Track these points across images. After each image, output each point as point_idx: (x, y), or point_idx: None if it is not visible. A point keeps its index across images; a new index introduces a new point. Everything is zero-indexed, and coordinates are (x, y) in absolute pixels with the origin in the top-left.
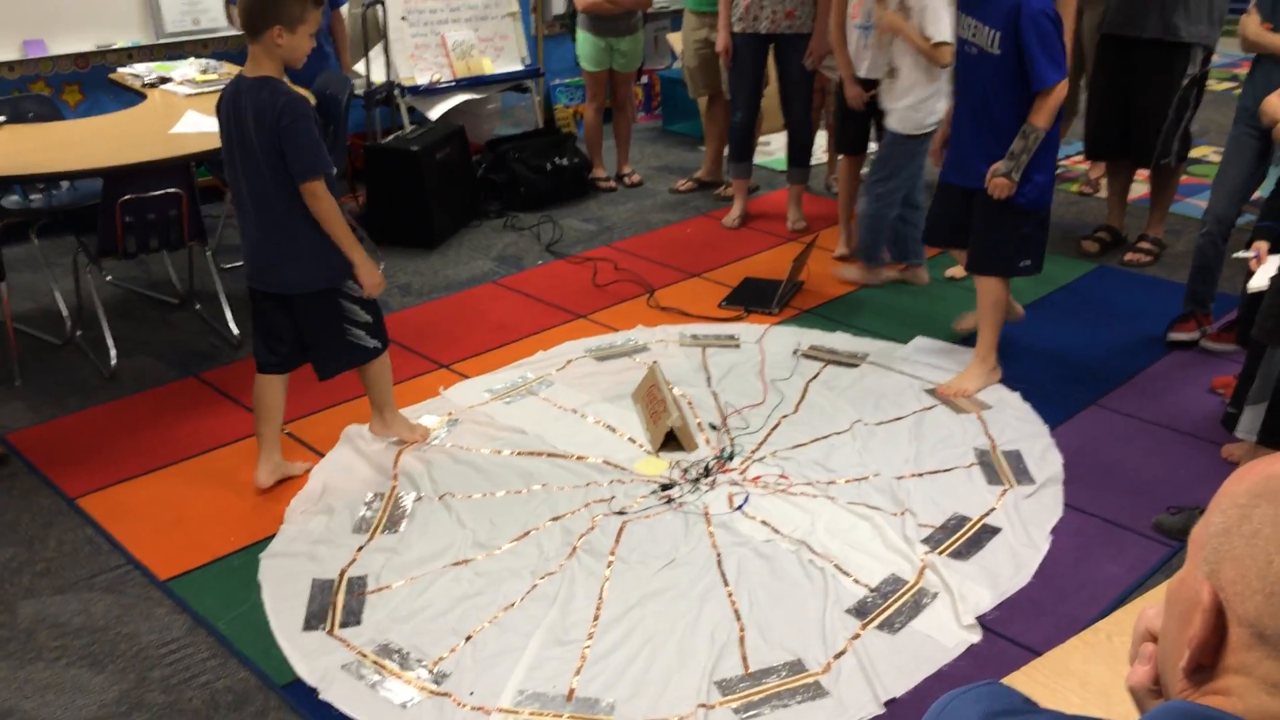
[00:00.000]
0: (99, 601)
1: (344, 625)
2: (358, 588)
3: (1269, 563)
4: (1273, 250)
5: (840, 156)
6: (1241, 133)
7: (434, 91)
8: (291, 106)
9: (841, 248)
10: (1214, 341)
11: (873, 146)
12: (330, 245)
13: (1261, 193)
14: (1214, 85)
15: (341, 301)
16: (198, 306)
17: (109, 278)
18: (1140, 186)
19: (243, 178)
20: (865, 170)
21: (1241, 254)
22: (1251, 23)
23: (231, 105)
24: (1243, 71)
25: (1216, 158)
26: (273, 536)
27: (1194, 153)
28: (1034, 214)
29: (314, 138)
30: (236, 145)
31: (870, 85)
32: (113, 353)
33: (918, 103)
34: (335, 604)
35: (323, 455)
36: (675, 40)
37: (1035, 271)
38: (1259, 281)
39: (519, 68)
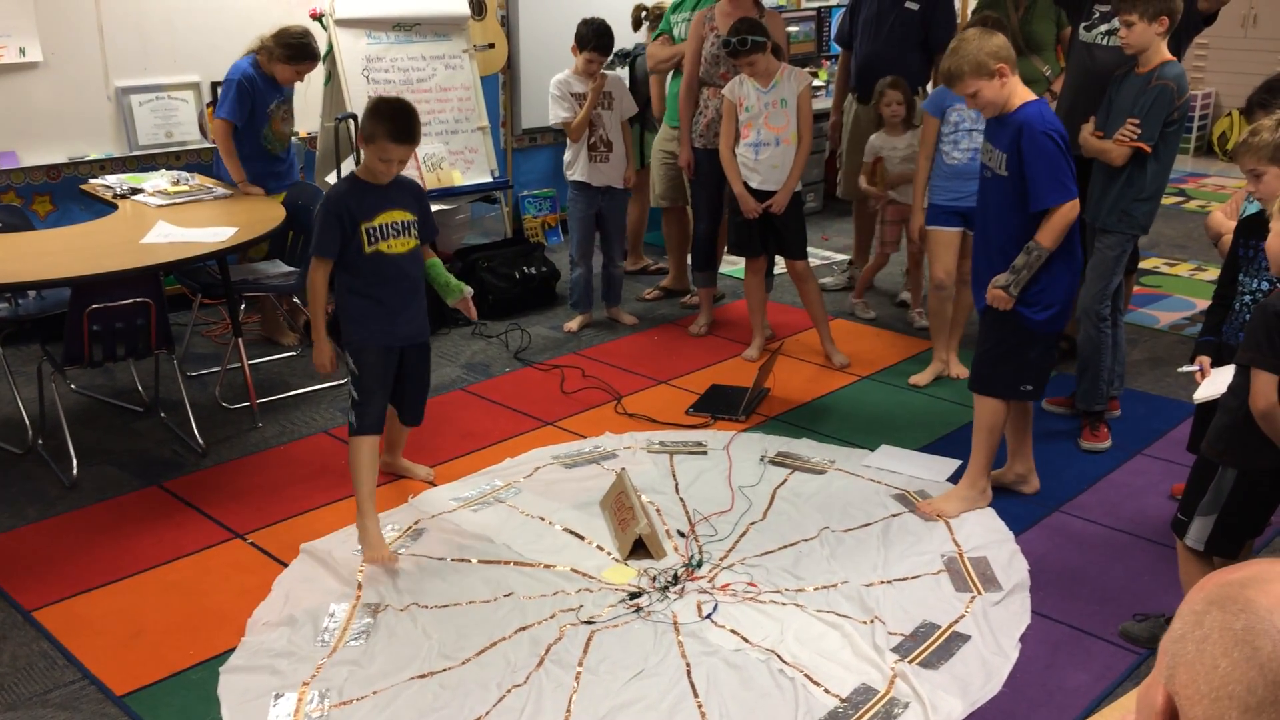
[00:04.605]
0: (53, 719)
1: None
2: (320, 702)
3: (1214, 667)
4: (1215, 364)
5: (746, 262)
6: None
7: None
8: (323, 196)
9: (752, 349)
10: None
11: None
12: (345, 312)
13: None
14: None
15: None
16: (162, 415)
17: (73, 386)
18: None
19: None
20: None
21: (1185, 368)
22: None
23: None
24: (1188, 186)
25: (1167, 269)
26: (233, 649)
27: (1144, 264)
28: (1043, 338)
29: (319, 223)
30: None
31: (763, 197)
32: (74, 462)
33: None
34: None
35: (285, 565)
36: None
37: (1036, 398)
38: (1204, 392)
39: (488, 179)
